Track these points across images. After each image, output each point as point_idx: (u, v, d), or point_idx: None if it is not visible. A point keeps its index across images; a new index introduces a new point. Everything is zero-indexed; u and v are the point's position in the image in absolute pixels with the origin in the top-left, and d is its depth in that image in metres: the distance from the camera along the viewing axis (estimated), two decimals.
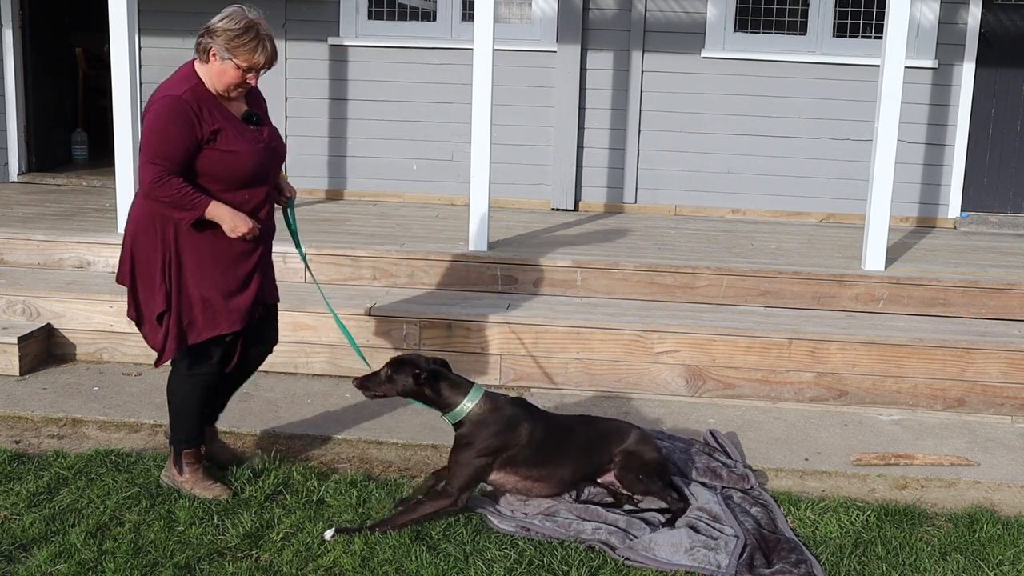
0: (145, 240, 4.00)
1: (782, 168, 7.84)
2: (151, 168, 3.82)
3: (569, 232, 7.07)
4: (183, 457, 4.25)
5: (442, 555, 3.82)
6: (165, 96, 3.87)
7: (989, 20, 7.63)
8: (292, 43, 7.93)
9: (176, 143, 3.82)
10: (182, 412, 4.23)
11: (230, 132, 3.94)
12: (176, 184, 3.85)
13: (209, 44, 3.88)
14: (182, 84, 3.91)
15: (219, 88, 3.94)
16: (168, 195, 3.85)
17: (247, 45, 3.88)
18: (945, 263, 6.46)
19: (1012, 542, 4.07)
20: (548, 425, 4.19)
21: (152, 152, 3.82)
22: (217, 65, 3.90)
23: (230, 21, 3.88)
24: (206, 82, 3.93)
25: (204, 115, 3.88)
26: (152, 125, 3.83)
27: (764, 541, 3.97)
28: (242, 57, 3.88)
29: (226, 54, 3.87)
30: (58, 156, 9.05)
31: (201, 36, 3.91)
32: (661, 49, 7.76)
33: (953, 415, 5.44)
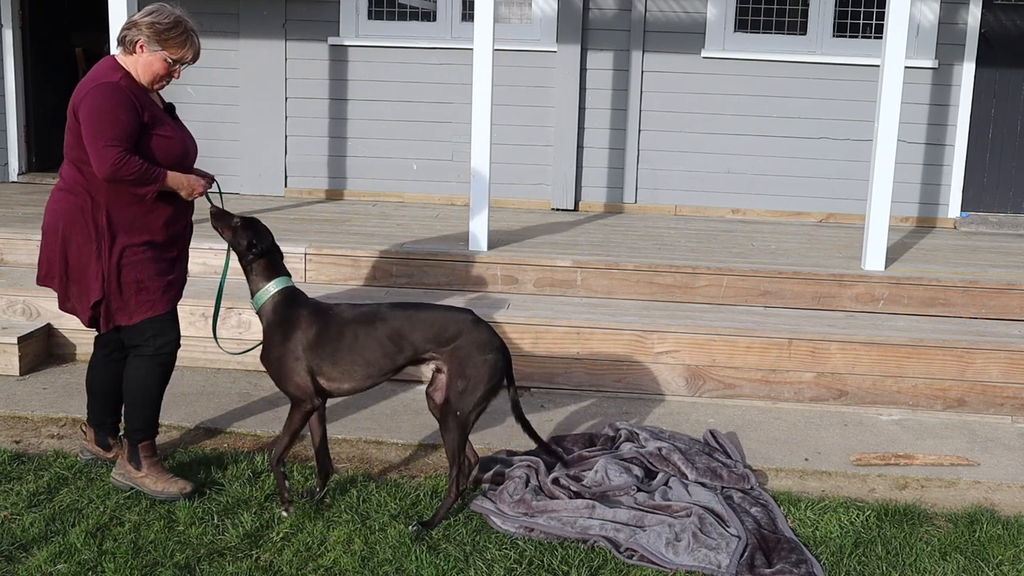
0: (76, 232, 4.05)
1: (782, 168, 7.84)
2: (112, 150, 3.89)
3: (569, 232, 7.07)
4: (140, 450, 4.21)
5: (442, 555, 3.82)
6: (104, 83, 3.94)
7: (989, 20, 7.63)
8: (292, 43, 7.93)
9: (126, 125, 3.92)
10: (143, 399, 4.21)
11: (163, 119, 4.10)
12: (136, 161, 3.94)
13: (136, 37, 3.99)
14: (114, 74, 4.00)
15: (145, 79, 4.05)
16: (134, 171, 3.93)
17: (177, 39, 4.02)
18: (945, 263, 6.47)
19: (1012, 542, 4.07)
20: (335, 319, 4.11)
21: (108, 135, 3.89)
22: (145, 57, 4.01)
23: (157, 15, 4.02)
24: (132, 74, 4.03)
25: (140, 102, 4.01)
26: (100, 109, 3.90)
27: (764, 541, 3.97)
28: (172, 50, 4.02)
29: (156, 46, 3.99)
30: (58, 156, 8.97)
31: (127, 29, 4.02)
32: (661, 49, 7.77)
33: (953, 415, 5.44)
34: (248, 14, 7.92)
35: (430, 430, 4.92)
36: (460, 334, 4.05)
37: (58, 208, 4.11)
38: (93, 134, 3.91)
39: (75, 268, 4.10)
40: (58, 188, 4.15)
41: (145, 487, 4.17)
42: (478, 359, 4.03)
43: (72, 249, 4.08)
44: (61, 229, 4.08)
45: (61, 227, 4.08)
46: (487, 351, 4.04)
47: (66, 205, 4.08)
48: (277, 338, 4.07)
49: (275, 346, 4.07)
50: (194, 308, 5.78)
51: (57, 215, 4.11)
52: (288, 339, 4.05)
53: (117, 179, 3.94)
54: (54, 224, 4.11)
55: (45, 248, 4.16)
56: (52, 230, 4.12)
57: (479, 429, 4.97)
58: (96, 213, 4.04)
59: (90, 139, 3.92)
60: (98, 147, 3.91)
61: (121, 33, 4.05)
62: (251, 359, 5.71)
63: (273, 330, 4.08)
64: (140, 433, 4.21)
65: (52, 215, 4.13)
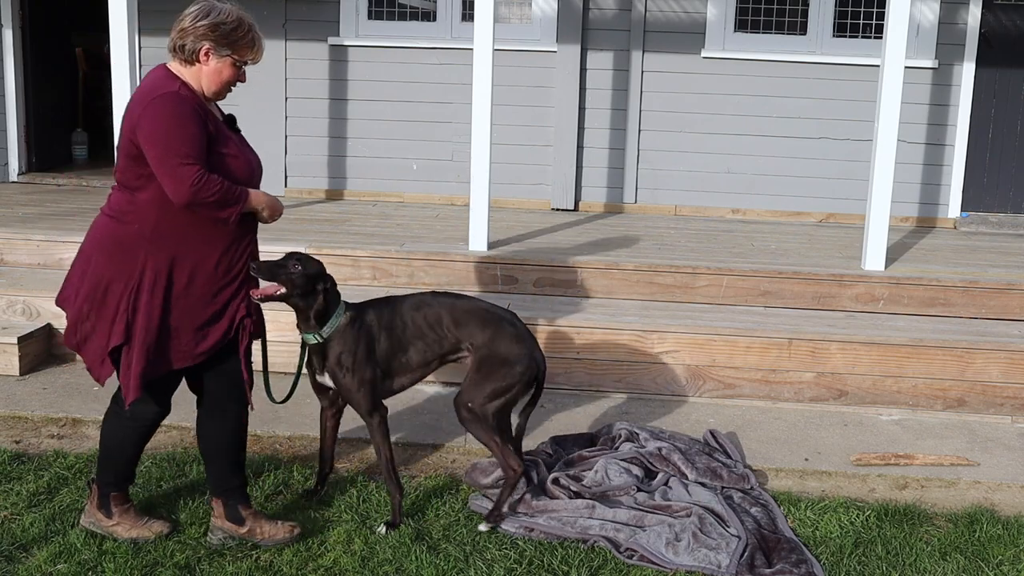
0: (111, 265, 3.57)
1: (782, 168, 7.84)
2: (188, 169, 3.39)
3: (569, 232, 7.07)
4: (111, 500, 3.86)
5: (442, 555, 3.82)
6: (165, 94, 3.45)
7: (989, 20, 7.63)
8: (292, 43, 7.93)
9: (198, 139, 3.44)
10: (115, 455, 3.83)
11: (226, 135, 3.63)
12: (216, 179, 3.44)
13: (199, 44, 3.53)
14: (171, 83, 3.53)
15: (213, 89, 3.60)
16: (214, 191, 3.43)
17: (245, 38, 3.59)
18: (945, 263, 6.47)
19: (1012, 542, 4.07)
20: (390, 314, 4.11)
21: (181, 152, 3.39)
22: (212, 64, 3.56)
23: (217, 16, 3.56)
24: (193, 84, 3.58)
25: (204, 113, 3.55)
26: (165, 125, 3.40)
27: (764, 541, 3.97)
28: (242, 52, 3.59)
29: (224, 50, 3.55)
30: (58, 156, 9.05)
31: (183, 37, 3.56)
32: (661, 49, 7.77)
33: (953, 415, 5.44)
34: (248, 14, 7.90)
35: (430, 430, 4.92)
36: (492, 327, 4.10)
37: (98, 236, 3.64)
38: (163, 153, 3.39)
39: (102, 305, 3.60)
40: (103, 213, 3.66)
41: (117, 534, 3.84)
42: (501, 354, 4.05)
43: (99, 281, 3.60)
44: (95, 258, 3.61)
45: (95, 256, 3.62)
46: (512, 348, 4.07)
47: (106, 234, 3.61)
48: (358, 358, 3.96)
49: (359, 367, 3.96)
50: None
51: (95, 243, 3.64)
52: (369, 355, 3.99)
53: (197, 202, 3.42)
54: (89, 252, 3.65)
55: (73, 271, 3.71)
56: (85, 258, 3.66)
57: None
58: (138, 250, 3.54)
59: (159, 159, 3.40)
60: (171, 167, 3.38)
61: (176, 41, 3.57)
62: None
63: (349, 354, 3.95)
64: (112, 486, 3.86)
65: (90, 241, 3.66)
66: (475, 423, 4.04)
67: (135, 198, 3.54)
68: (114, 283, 3.57)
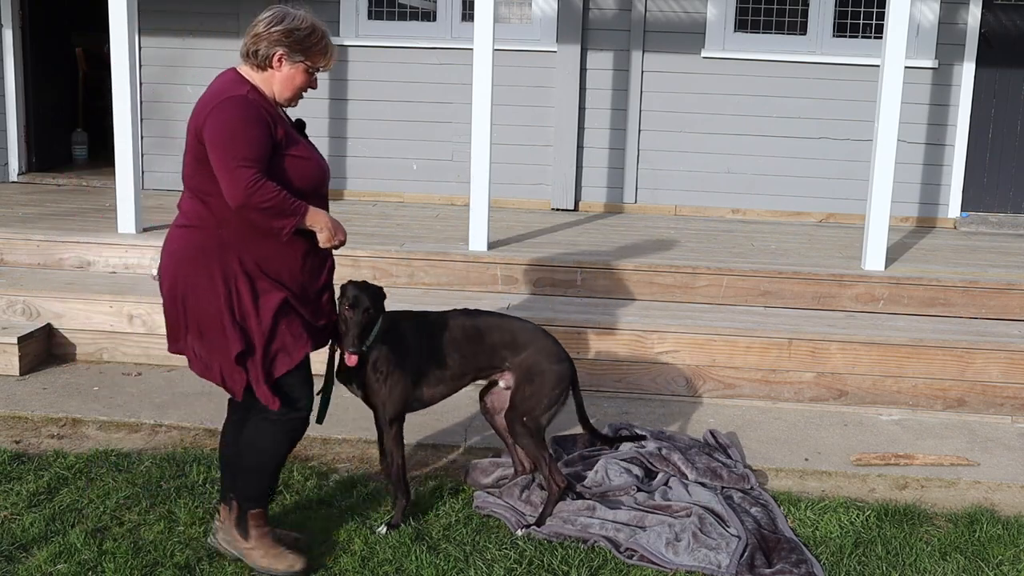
0: (199, 278, 3.47)
1: (782, 168, 7.84)
2: (245, 172, 3.32)
3: (569, 232, 7.07)
4: (250, 519, 3.68)
5: (442, 555, 3.82)
6: (231, 97, 3.41)
7: (989, 20, 7.63)
8: None
9: (260, 143, 3.38)
10: (259, 467, 3.67)
11: (295, 137, 3.57)
12: (272, 186, 3.36)
13: (274, 49, 3.47)
14: (240, 86, 3.47)
15: (285, 95, 3.56)
16: (269, 199, 3.35)
17: (318, 45, 3.54)
18: (945, 263, 6.46)
19: (1012, 542, 4.07)
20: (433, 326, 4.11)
21: (240, 155, 3.33)
22: (285, 71, 3.51)
23: (292, 22, 3.49)
24: (263, 89, 3.52)
25: (272, 117, 3.49)
26: (230, 127, 3.36)
27: (764, 541, 3.97)
28: (315, 58, 3.54)
29: (299, 56, 3.50)
30: (58, 156, 9.05)
31: (256, 42, 3.49)
32: (661, 49, 7.76)
33: (953, 415, 5.44)
34: (248, 14, 7.91)
35: (430, 430, 4.92)
36: (531, 342, 4.11)
37: (176, 249, 3.53)
38: (223, 154, 3.35)
39: (200, 322, 3.50)
40: (176, 225, 3.57)
41: (252, 560, 3.68)
42: (546, 367, 4.07)
43: (193, 300, 3.49)
44: (181, 276, 3.50)
45: (181, 274, 3.50)
46: (555, 361, 4.10)
47: (185, 244, 3.51)
48: (392, 366, 3.94)
49: (392, 374, 3.94)
50: None
51: (175, 258, 3.52)
52: (403, 363, 3.97)
53: (250, 205, 3.35)
54: (173, 271, 3.53)
55: (167, 304, 3.57)
56: (171, 278, 3.53)
57: (482, 431, 4.98)
58: (225, 254, 3.46)
59: (220, 160, 3.36)
60: (229, 168, 3.34)
61: (249, 46, 3.50)
62: None
63: (384, 361, 3.92)
64: (253, 502, 3.69)
65: (170, 258, 3.54)
66: (529, 437, 4.05)
67: (209, 204, 3.47)
68: (212, 295, 3.47)
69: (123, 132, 6.40)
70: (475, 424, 5.06)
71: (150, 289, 5.96)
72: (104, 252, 6.37)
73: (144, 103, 7.85)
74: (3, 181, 8.36)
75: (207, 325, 3.49)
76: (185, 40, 7.95)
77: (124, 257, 6.37)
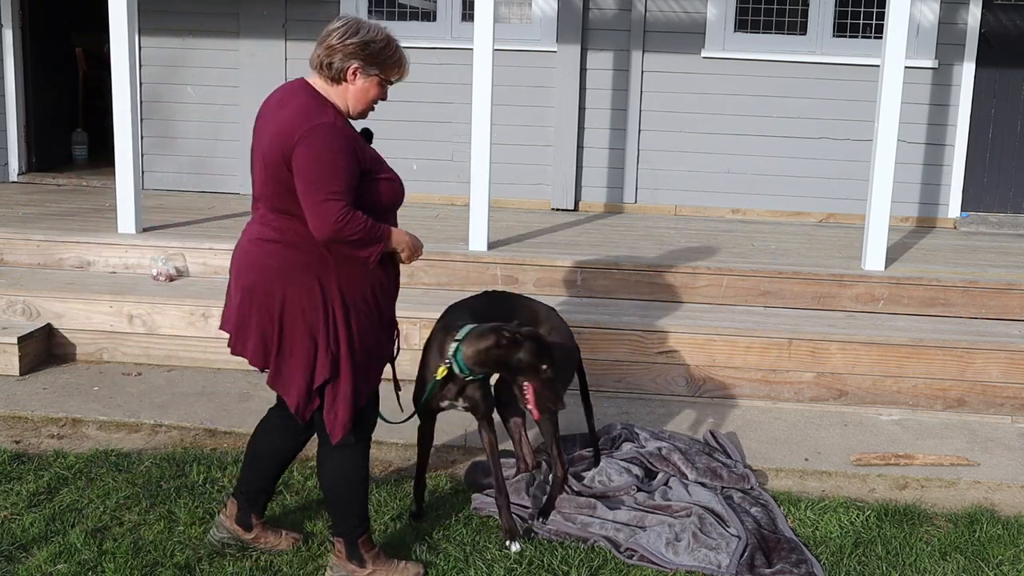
0: (300, 297, 3.38)
1: (782, 168, 7.84)
2: (335, 204, 3.24)
3: (569, 232, 7.07)
4: (361, 546, 3.61)
5: (442, 555, 3.82)
6: (320, 125, 3.29)
7: (989, 20, 7.63)
8: (292, 43, 7.93)
9: (350, 174, 3.30)
10: (353, 491, 3.59)
11: (379, 158, 3.51)
12: (361, 217, 3.30)
13: (349, 63, 3.39)
14: (324, 110, 3.37)
15: (358, 108, 3.50)
16: (358, 230, 3.29)
17: (393, 57, 3.48)
18: (945, 263, 6.46)
19: (1012, 542, 4.07)
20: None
21: (330, 187, 3.24)
22: (359, 84, 3.43)
23: (368, 33, 3.42)
24: (339, 104, 3.45)
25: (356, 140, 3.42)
26: (320, 159, 3.25)
27: (764, 541, 3.97)
28: (390, 71, 3.49)
29: (374, 69, 3.43)
30: (58, 156, 9.05)
31: (330, 55, 3.39)
32: (661, 49, 7.76)
33: (953, 415, 5.44)
34: (248, 14, 7.92)
35: None
36: (548, 319, 4.22)
37: (273, 264, 3.39)
38: (310, 187, 3.25)
39: (292, 341, 3.42)
40: (264, 239, 3.42)
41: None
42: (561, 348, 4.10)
43: (290, 319, 3.40)
44: (279, 292, 3.38)
45: (279, 289, 3.38)
46: (568, 338, 4.22)
47: (285, 262, 3.38)
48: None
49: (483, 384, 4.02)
50: (194, 308, 5.78)
51: (272, 274, 3.39)
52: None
53: (339, 239, 3.28)
54: (267, 286, 3.40)
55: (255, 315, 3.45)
56: (265, 292, 3.40)
57: None
58: (324, 273, 3.37)
59: (305, 192, 3.26)
60: (316, 200, 3.24)
61: (323, 58, 3.40)
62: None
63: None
64: (359, 529, 3.62)
65: (264, 272, 3.41)
66: (548, 422, 4.08)
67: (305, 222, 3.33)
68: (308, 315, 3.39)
69: (123, 132, 6.40)
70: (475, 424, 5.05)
71: (150, 289, 5.97)
72: (104, 252, 6.37)
73: (144, 103, 7.85)
74: (3, 181, 8.36)
75: (296, 347, 3.42)
76: (185, 40, 7.95)
77: (124, 257, 6.37)
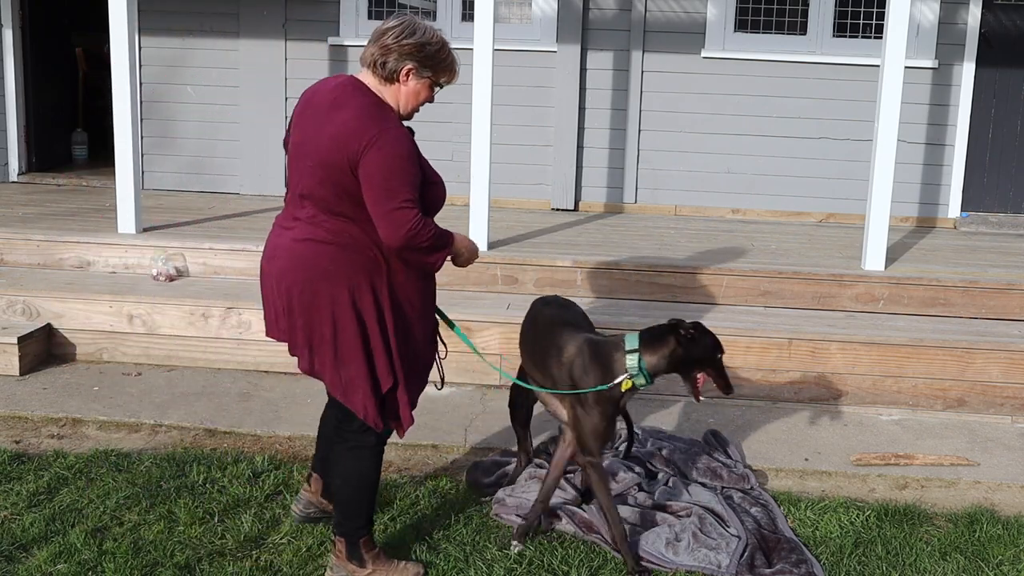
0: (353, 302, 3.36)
1: (782, 168, 7.84)
2: (408, 212, 3.24)
3: (569, 232, 7.07)
4: (362, 546, 3.60)
5: (442, 555, 3.82)
6: (390, 131, 3.28)
7: (989, 20, 7.63)
8: (292, 43, 7.93)
9: (417, 180, 3.32)
10: (361, 493, 3.59)
11: (426, 162, 3.50)
12: (431, 223, 3.34)
13: (403, 64, 3.36)
14: (387, 114, 3.37)
15: (408, 109, 3.48)
16: (428, 237, 3.31)
17: (446, 61, 3.46)
18: (945, 263, 6.46)
19: (1012, 542, 4.07)
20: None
21: (403, 194, 3.24)
22: (412, 85, 3.42)
23: (423, 35, 3.39)
24: (391, 104, 3.43)
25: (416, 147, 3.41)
26: (391, 165, 3.24)
27: (764, 541, 3.97)
28: (441, 73, 3.47)
29: (427, 72, 3.41)
30: (58, 156, 9.05)
31: (385, 55, 3.35)
32: (661, 49, 7.76)
33: (953, 415, 5.44)
34: (248, 14, 7.92)
35: (430, 431, 4.92)
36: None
37: (329, 267, 3.33)
38: (384, 193, 3.23)
39: (345, 349, 3.39)
40: (316, 240, 3.36)
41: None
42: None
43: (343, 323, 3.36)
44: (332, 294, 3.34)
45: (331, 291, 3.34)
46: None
47: (339, 265, 3.33)
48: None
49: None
50: (194, 308, 5.78)
51: (325, 275, 3.34)
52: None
53: (411, 246, 3.28)
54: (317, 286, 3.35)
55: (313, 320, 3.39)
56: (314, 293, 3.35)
57: (482, 431, 4.98)
58: (378, 276, 3.36)
59: (379, 198, 3.24)
60: (390, 208, 3.23)
61: (377, 57, 3.36)
62: (249, 359, 5.73)
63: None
64: (363, 530, 3.62)
65: (317, 273, 3.35)
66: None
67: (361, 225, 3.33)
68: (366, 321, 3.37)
69: (123, 132, 6.40)
70: (475, 424, 5.06)
71: (150, 289, 5.97)
72: (104, 252, 6.37)
73: (144, 103, 7.85)
74: (3, 181, 8.36)
75: (350, 355, 3.39)
76: (185, 40, 7.95)
77: (124, 257, 6.37)
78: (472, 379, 5.54)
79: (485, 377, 5.60)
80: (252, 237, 6.45)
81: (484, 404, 5.35)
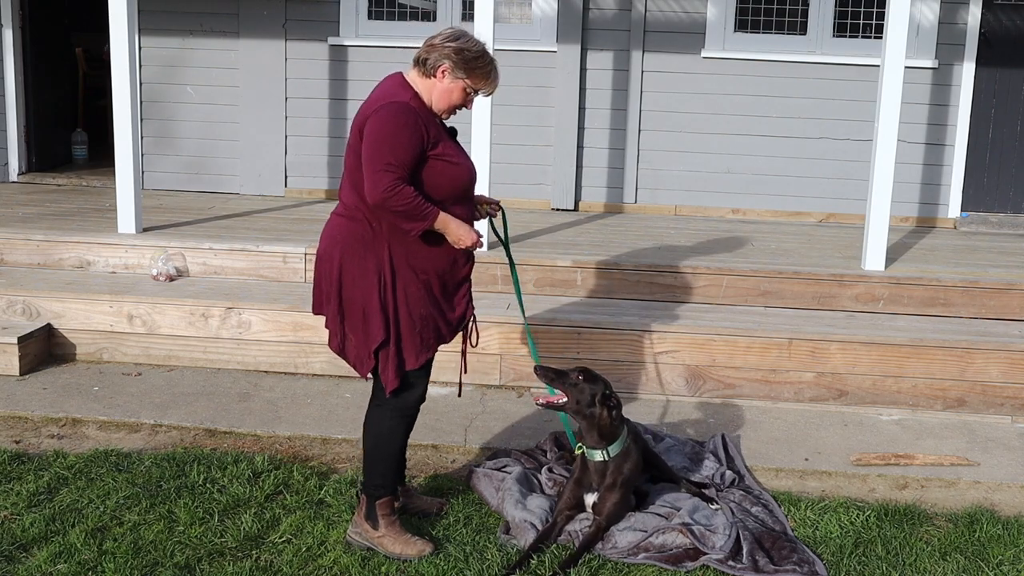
0: (353, 263, 3.73)
1: (782, 168, 7.84)
2: (386, 175, 3.57)
3: (569, 232, 7.07)
4: (378, 508, 3.86)
5: (442, 555, 3.82)
6: (393, 103, 3.66)
7: (989, 20, 7.63)
8: (292, 43, 7.93)
9: (407, 149, 3.61)
10: (382, 453, 3.87)
11: (449, 144, 3.79)
12: (409, 192, 3.60)
13: (441, 62, 3.72)
14: (404, 92, 3.73)
15: (440, 106, 3.78)
16: (403, 203, 3.59)
17: (482, 69, 3.77)
18: (945, 263, 6.46)
19: (1012, 542, 4.07)
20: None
21: (386, 159, 3.58)
22: (445, 84, 3.75)
23: (465, 42, 3.76)
24: (423, 96, 3.76)
25: (426, 124, 3.70)
26: (383, 131, 3.61)
27: (765, 541, 3.97)
28: (475, 79, 3.77)
29: (460, 74, 3.73)
30: (58, 156, 9.04)
31: (429, 52, 3.74)
32: (661, 49, 7.76)
33: (953, 415, 5.44)
34: (248, 14, 7.92)
35: (429, 431, 4.92)
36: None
37: (335, 234, 3.78)
38: (372, 154, 3.60)
39: (351, 304, 3.77)
40: (336, 213, 3.83)
41: (383, 548, 3.84)
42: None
43: (347, 281, 3.75)
44: (338, 257, 3.75)
45: (337, 255, 3.75)
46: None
47: (343, 232, 3.76)
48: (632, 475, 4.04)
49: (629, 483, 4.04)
50: (194, 308, 5.78)
51: (333, 241, 3.78)
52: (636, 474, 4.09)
53: (385, 207, 3.60)
54: (329, 251, 3.79)
55: (320, 276, 3.84)
56: (327, 256, 3.80)
57: (485, 433, 4.98)
58: (376, 243, 3.71)
59: (368, 159, 3.61)
60: (374, 169, 3.59)
61: (422, 54, 3.76)
62: (250, 359, 5.72)
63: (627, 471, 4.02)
64: (380, 489, 3.87)
65: (328, 240, 3.81)
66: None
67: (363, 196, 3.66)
68: (359, 280, 3.73)
69: (123, 132, 6.40)
70: (475, 424, 5.06)
71: (150, 289, 5.97)
72: (104, 252, 6.37)
73: (144, 103, 7.84)
74: (3, 181, 8.36)
75: (351, 311, 3.76)
76: (185, 40, 7.95)
77: (124, 257, 6.37)
78: (472, 379, 5.54)
79: (485, 377, 5.60)
80: (252, 237, 6.45)
81: (484, 404, 5.35)
